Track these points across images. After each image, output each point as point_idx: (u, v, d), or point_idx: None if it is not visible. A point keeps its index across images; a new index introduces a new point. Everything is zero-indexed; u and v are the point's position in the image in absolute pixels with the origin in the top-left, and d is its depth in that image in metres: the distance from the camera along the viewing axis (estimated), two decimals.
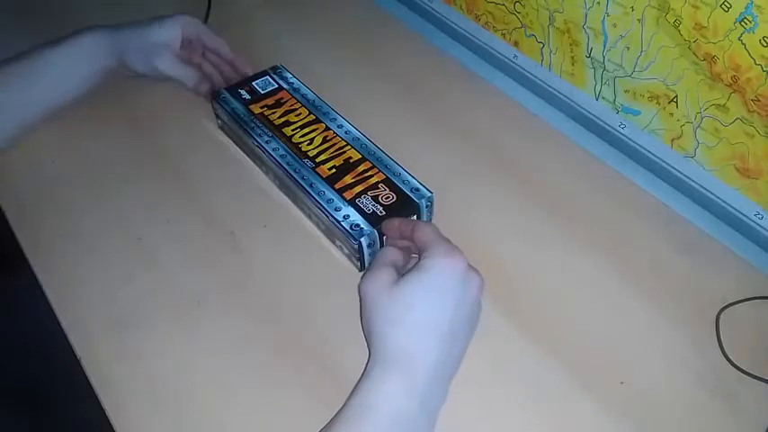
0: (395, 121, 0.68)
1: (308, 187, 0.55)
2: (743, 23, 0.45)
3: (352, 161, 0.57)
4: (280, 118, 0.61)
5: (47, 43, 0.63)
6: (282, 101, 0.63)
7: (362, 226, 0.52)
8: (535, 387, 0.49)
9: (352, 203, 0.53)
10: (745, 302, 0.53)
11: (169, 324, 0.52)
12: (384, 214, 0.53)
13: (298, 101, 0.63)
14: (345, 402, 0.41)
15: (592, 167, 0.64)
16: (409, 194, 0.54)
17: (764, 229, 0.54)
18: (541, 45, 0.64)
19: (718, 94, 0.51)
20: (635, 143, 0.61)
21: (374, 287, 0.43)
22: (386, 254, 0.47)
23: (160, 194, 0.61)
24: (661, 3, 0.50)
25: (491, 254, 0.56)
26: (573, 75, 0.63)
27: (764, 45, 0.45)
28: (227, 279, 0.55)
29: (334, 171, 0.56)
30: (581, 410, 0.47)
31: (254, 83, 0.64)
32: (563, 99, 0.65)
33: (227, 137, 0.65)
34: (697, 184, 0.57)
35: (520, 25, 0.65)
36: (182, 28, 0.66)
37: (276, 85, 0.64)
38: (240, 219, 0.59)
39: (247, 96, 0.63)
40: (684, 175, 0.58)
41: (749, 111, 0.49)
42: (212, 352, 0.51)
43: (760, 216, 0.54)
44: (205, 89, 0.66)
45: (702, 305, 0.53)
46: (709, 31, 0.48)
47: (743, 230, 0.56)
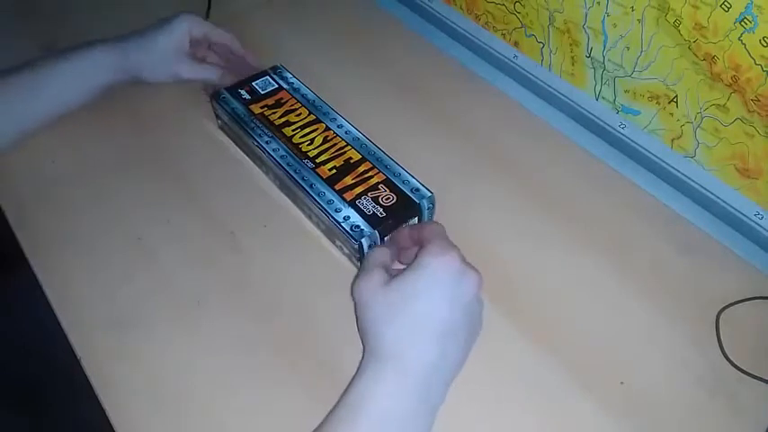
0: (395, 121, 0.68)
1: (308, 188, 0.55)
2: (743, 23, 0.45)
3: (352, 162, 0.57)
4: (280, 118, 0.61)
5: (54, 53, 0.63)
6: (283, 101, 0.63)
7: (363, 227, 0.52)
8: (535, 387, 0.49)
9: (352, 204, 0.53)
10: (745, 302, 0.53)
11: (169, 324, 0.52)
12: (384, 215, 0.53)
13: (298, 101, 0.62)
14: (338, 401, 0.41)
15: (592, 167, 0.64)
16: (409, 195, 0.54)
17: (764, 229, 0.54)
18: (541, 45, 0.64)
19: (718, 94, 0.51)
20: (635, 143, 0.61)
21: (367, 288, 0.43)
22: (375, 255, 0.47)
23: (160, 194, 0.61)
24: (661, 3, 0.50)
25: (491, 254, 0.56)
26: (573, 75, 0.63)
27: (764, 45, 0.45)
28: (227, 279, 0.55)
29: (334, 172, 0.56)
30: (581, 410, 0.47)
31: (254, 83, 0.64)
32: (563, 99, 0.65)
33: (227, 137, 0.65)
34: (697, 184, 0.57)
35: (520, 25, 0.65)
36: (189, 29, 0.66)
37: (276, 85, 0.64)
38: (240, 219, 0.59)
39: (247, 96, 0.63)
40: (684, 175, 0.58)
41: (749, 111, 0.49)
42: (212, 352, 0.51)
43: (760, 216, 0.54)
44: (231, 79, 0.66)
45: (702, 305, 0.53)
46: (710, 31, 0.48)
47: (743, 230, 0.56)
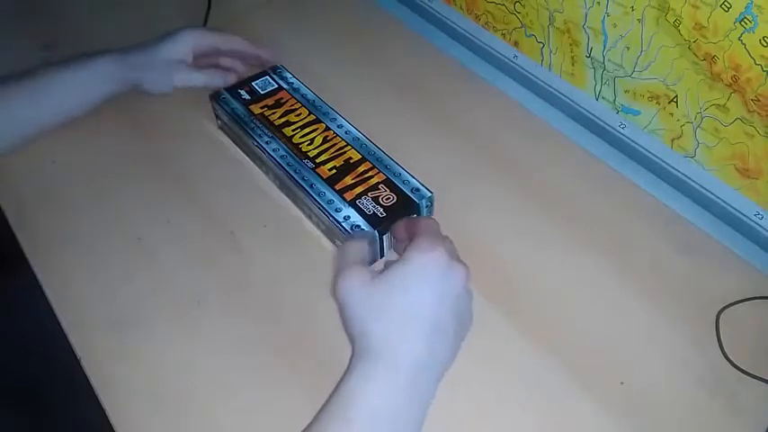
0: (395, 121, 0.68)
1: (308, 188, 0.55)
2: (743, 23, 0.45)
3: (352, 162, 0.57)
4: (280, 118, 0.61)
5: (56, 63, 0.63)
6: (282, 101, 0.63)
7: (363, 227, 0.52)
8: (535, 387, 0.49)
9: (352, 204, 0.53)
10: (745, 302, 0.53)
11: (169, 324, 0.52)
12: (385, 215, 0.53)
13: (298, 101, 0.62)
14: (327, 400, 0.41)
15: (592, 167, 0.63)
16: (409, 195, 0.54)
17: (764, 229, 0.54)
18: (541, 45, 0.64)
19: (718, 94, 0.51)
20: (635, 143, 0.61)
21: (350, 287, 0.43)
22: (351, 251, 0.46)
23: (160, 194, 0.61)
24: (661, 3, 0.50)
25: (491, 254, 0.56)
26: (573, 75, 0.63)
27: (764, 45, 0.45)
28: (227, 279, 0.55)
29: (334, 172, 0.56)
30: (581, 410, 0.47)
31: (253, 83, 0.64)
32: (563, 99, 0.65)
33: (227, 137, 0.65)
34: (697, 184, 0.57)
35: (520, 25, 0.65)
36: (192, 44, 0.66)
37: (276, 86, 0.64)
38: (240, 219, 0.59)
39: (247, 97, 0.63)
40: (684, 175, 0.58)
41: (749, 111, 0.49)
42: (212, 352, 0.51)
43: (760, 216, 0.54)
44: (234, 79, 0.66)
45: (702, 305, 0.53)
46: (710, 31, 0.48)
47: (743, 230, 0.56)
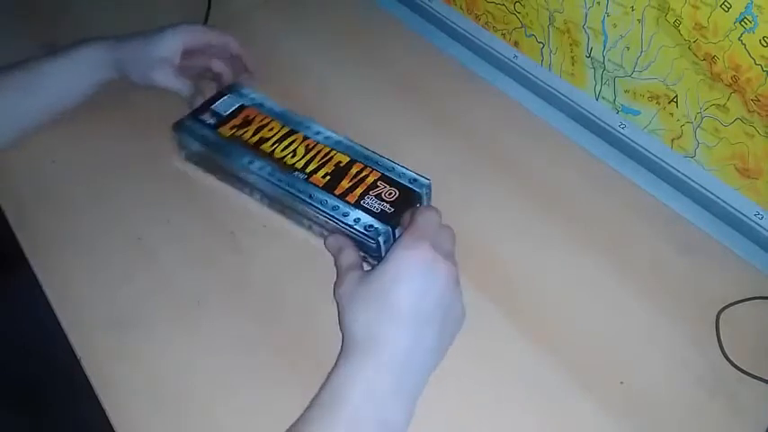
0: (395, 121, 0.68)
1: (307, 199, 0.53)
2: (743, 23, 0.45)
3: (342, 165, 0.56)
4: (253, 136, 0.58)
5: (47, 53, 0.63)
6: (250, 118, 0.60)
7: (376, 225, 0.51)
8: (535, 387, 0.49)
9: (358, 206, 0.53)
10: (745, 302, 0.53)
11: (169, 324, 0.52)
12: (393, 210, 0.52)
13: (267, 115, 0.60)
14: (314, 397, 0.42)
15: (592, 167, 0.63)
16: (409, 186, 0.54)
17: (764, 229, 0.54)
18: (541, 45, 0.64)
19: (718, 94, 0.51)
20: (635, 143, 0.61)
21: (345, 292, 0.45)
22: (343, 259, 0.49)
23: (160, 194, 0.61)
24: (661, 3, 0.50)
25: (491, 254, 0.56)
26: (573, 75, 0.63)
27: (764, 45, 0.45)
28: (227, 279, 0.55)
29: (328, 178, 0.55)
30: (581, 410, 0.47)
31: (212, 106, 0.61)
32: (563, 99, 0.65)
33: (195, 167, 0.62)
34: (697, 184, 0.57)
35: (520, 25, 0.65)
36: (182, 40, 0.64)
37: (239, 103, 0.62)
38: (240, 219, 0.59)
39: (211, 121, 0.60)
40: (684, 175, 0.58)
41: (749, 111, 0.49)
42: (212, 352, 0.51)
43: (760, 216, 0.54)
44: (199, 103, 0.64)
45: (702, 305, 0.53)
46: (710, 31, 0.48)
47: (743, 230, 0.56)
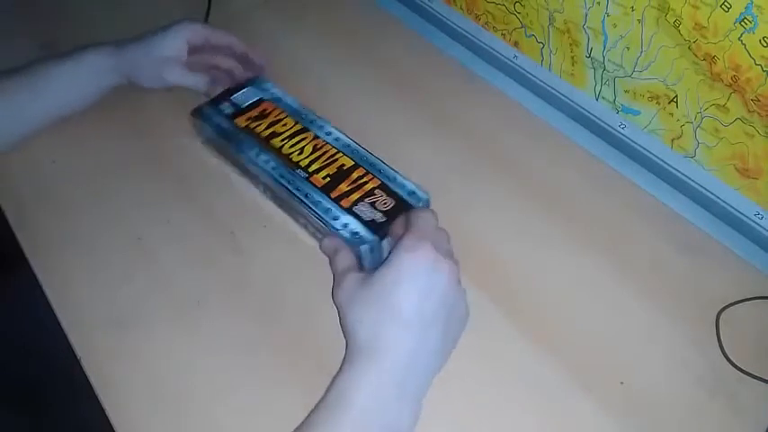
0: (395, 120, 0.68)
1: (303, 198, 0.54)
2: (743, 23, 0.45)
3: (345, 168, 0.56)
4: (266, 130, 0.59)
5: (51, 57, 0.63)
6: (267, 112, 0.61)
7: (362, 233, 0.51)
8: (535, 387, 0.49)
9: (350, 211, 0.53)
10: (745, 302, 0.53)
11: (169, 324, 0.52)
12: (384, 220, 0.52)
13: (283, 110, 0.61)
14: (319, 401, 0.42)
15: (592, 167, 0.63)
16: (406, 199, 0.53)
17: (764, 229, 0.54)
18: (541, 45, 0.64)
19: (718, 94, 0.51)
20: (635, 143, 0.61)
21: (343, 295, 0.45)
22: (339, 263, 0.49)
23: (160, 194, 0.61)
24: (661, 3, 0.50)
25: (491, 254, 0.56)
26: (573, 75, 0.63)
27: (764, 45, 0.45)
28: (227, 279, 0.55)
29: (328, 180, 0.55)
30: (581, 410, 0.47)
31: (233, 97, 0.62)
32: (563, 99, 0.65)
33: (210, 153, 0.64)
34: (697, 184, 0.57)
35: (520, 25, 0.65)
36: (186, 38, 0.65)
37: (258, 97, 0.62)
38: (240, 219, 0.59)
39: (229, 111, 0.61)
40: (684, 175, 0.58)
41: (749, 111, 0.49)
42: (212, 352, 0.51)
43: (760, 216, 0.54)
44: (219, 90, 0.65)
45: (702, 305, 0.53)
46: (710, 31, 0.48)
47: (743, 230, 0.56)
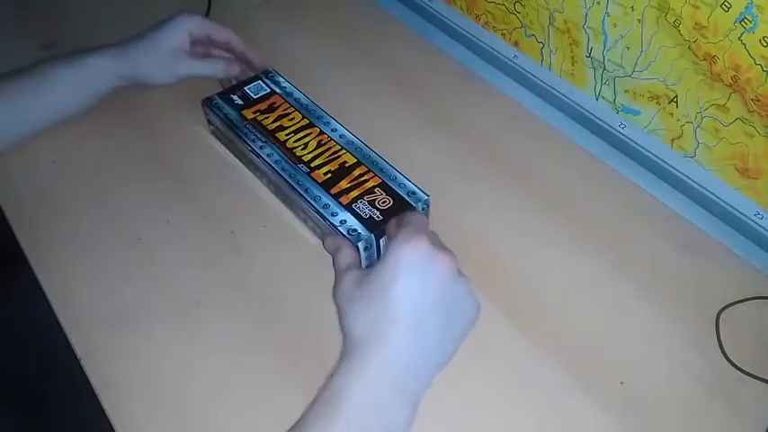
0: (395, 120, 0.68)
1: (303, 192, 0.54)
2: (743, 23, 0.45)
3: (347, 165, 0.56)
4: (273, 123, 0.60)
5: (53, 60, 0.62)
6: (275, 105, 0.62)
7: (360, 231, 0.51)
8: (535, 387, 0.49)
9: (348, 208, 0.53)
10: (745, 302, 0.53)
11: (169, 324, 0.52)
12: (381, 219, 0.52)
13: (291, 105, 0.62)
14: (314, 398, 0.41)
15: (592, 167, 0.63)
16: (406, 198, 0.54)
17: (764, 229, 0.54)
18: (541, 45, 0.64)
19: (718, 94, 0.51)
20: (635, 143, 0.61)
21: (342, 293, 0.45)
22: (340, 260, 0.49)
23: (160, 194, 0.61)
24: (661, 3, 0.50)
25: (491, 254, 0.56)
26: (573, 75, 0.63)
27: (764, 45, 0.45)
28: (227, 279, 0.55)
29: (329, 176, 0.55)
30: (581, 410, 0.47)
31: (246, 88, 0.64)
32: (563, 99, 0.65)
33: (219, 142, 0.65)
34: (697, 184, 0.57)
35: (520, 25, 0.65)
36: (189, 29, 0.65)
37: (268, 90, 0.63)
38: (240, 219, 0.59)
39: (240, 101, 0.62)
40: (684, 175, 0.58)
41: (749, 111, 0.49)
42: (212, 352, 0.51)
43: (760, 216, 0.54)
44: (237, 70, 0.66)
45: (702, 305, 0.53)
46: (710, 31, 0.48)
47: (743, 230, 0.56)
